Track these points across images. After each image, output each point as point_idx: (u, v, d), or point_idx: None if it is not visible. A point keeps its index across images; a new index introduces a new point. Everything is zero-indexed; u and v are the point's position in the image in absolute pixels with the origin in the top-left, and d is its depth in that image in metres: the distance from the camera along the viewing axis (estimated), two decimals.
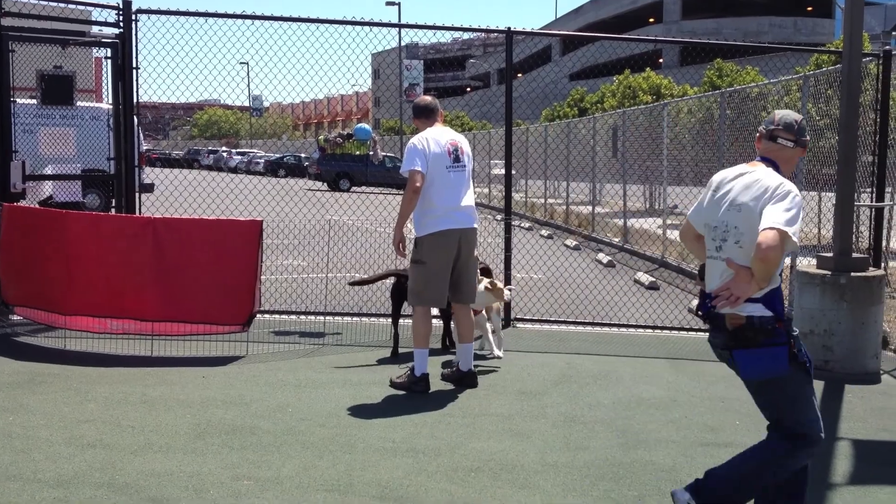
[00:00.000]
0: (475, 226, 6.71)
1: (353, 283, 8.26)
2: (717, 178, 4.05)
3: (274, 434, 5.43)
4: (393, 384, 6.57)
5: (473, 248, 6.80)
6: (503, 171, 9.67)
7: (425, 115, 6.79)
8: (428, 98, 6.93)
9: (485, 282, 7.46)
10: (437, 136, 6.57)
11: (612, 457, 5.18)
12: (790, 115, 4.03)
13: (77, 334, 7.71)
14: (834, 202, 7.75)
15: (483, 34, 75.98)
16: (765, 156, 4.02)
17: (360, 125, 9.20)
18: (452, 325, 7.58)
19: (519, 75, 65.89)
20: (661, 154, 16.27)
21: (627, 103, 28.36)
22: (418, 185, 6.36)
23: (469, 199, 6.65)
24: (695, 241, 4.22)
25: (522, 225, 21.74)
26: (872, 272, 7.52)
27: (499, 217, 11.89)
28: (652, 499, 4.57)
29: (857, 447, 5.52)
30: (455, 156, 6.58)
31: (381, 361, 7.43)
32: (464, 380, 6.69)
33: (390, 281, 7.86)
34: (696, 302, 4.61)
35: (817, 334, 7.30)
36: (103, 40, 8.73)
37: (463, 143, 6.73)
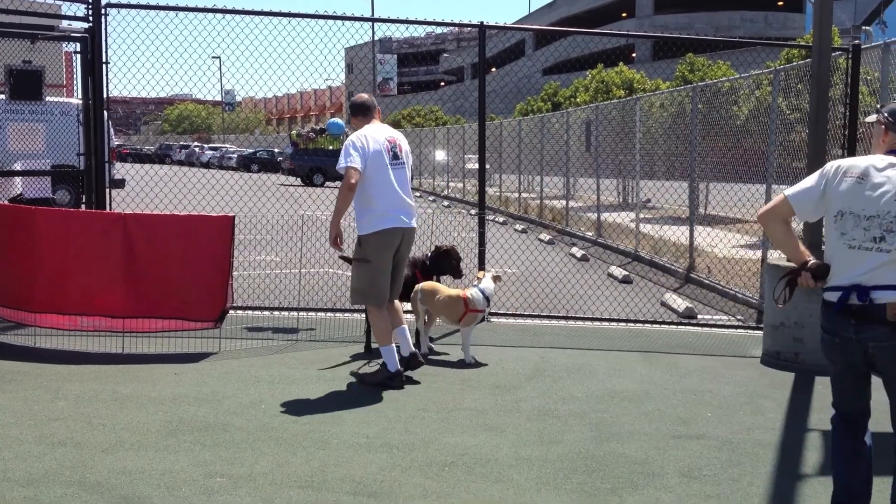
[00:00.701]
0: (414, 225, 6.70)
1: (342, 257, 8.15)
2: (860, 164, 3.90)
3: (247, 431, 5.40)
4: (362, 381, 6.57)
5: (411, 245, 6.81)
6: (477, 166, 9.68)
7: (362, 113, 6.79)
8: (365, 96, 6.93)
9: (491, 273, 7.63)
10: (375, 134, 6.57)
11: (585, 450, 5.20)
12: None
13: (47, 332, 7.63)
14: None
15: (456, 28, 76.03)
16: None
17: (333, 120, 9.16)
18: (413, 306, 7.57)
19: (493, 70, 66.06)
20: (633, 148, 16.35)
21: (600, 98, 28.45)
22: (353, 181, 6.34)
23: (409, 197, 6.66)
24: (783, 223, 4.04)
25: (497, 219, 21.77)
26: None
27: (473, 212, 11.84)
28: (624, 491, 4.59)
29: (828, 439, 5.57)
30: (394, 153, 6.58)
31: (355, 357, 7.41)
32: (410, 363, 6.68)
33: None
34: (777, 290, 4.31)
35: (788, 327, 7.37)
36: (72, 34, 8.62)
37: (401, 140, 6.74)
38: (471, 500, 4.44)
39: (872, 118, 4.17)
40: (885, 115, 4.01)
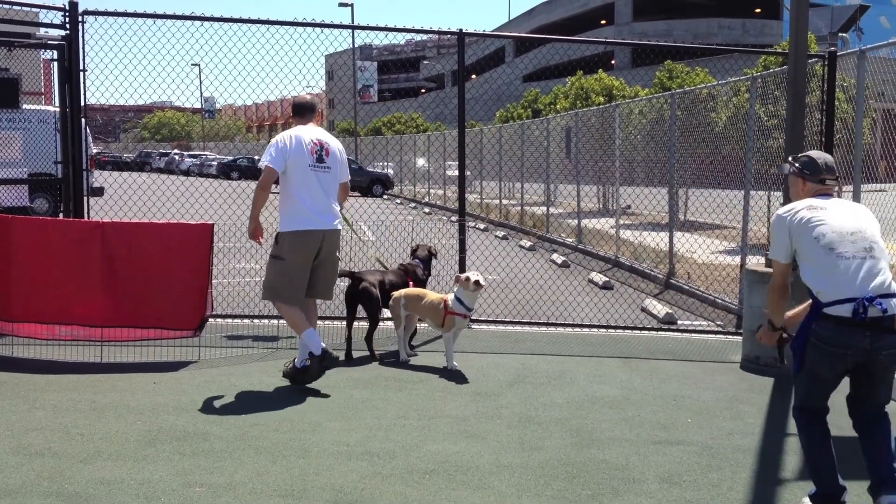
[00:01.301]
0: (337, 227, 6.75)
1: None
2: (800, 204, 4.36)
3: (226, 440, 5.37)
4: (286, 374, 6.68)
5: (335, 248, 6.83)
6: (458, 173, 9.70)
7: (299, 114, 6.91)
8: (306, 97, 7.04)
9: (469, 275, 7.31)
10: (301, 134, 6.67)
11: (566, 456, 5.21)
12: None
13: (24, 341, 7.56)
14: (782, 201, 7.86)
15: (436, 36, 76.19)
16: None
17: None
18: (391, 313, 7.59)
19: (473, 77, 66.12)
20: (613, 155, 16.42)
21: (580, 104, 28.56)
22: (268, 180, 6.53)
23: (332, 201, 6.72)
24: (786, 290, 4.46)
25: (477, 226, 21.79)
26: None
27: (453, 218, 11.91)
28: (605, 497, 4.60)
29: None
30: (318, 155, 6.65)
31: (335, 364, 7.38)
32: (323, 362, 6.66)
33: (345, 283, 7.83)
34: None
35: None
36: (49, 42, 8.57)
37: (331, 143, 6.78)
38: None
39: (786, 169, 4.56)
40: (797, 166, 4.45)
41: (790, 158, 4.59)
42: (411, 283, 7.92)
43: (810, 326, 4.18)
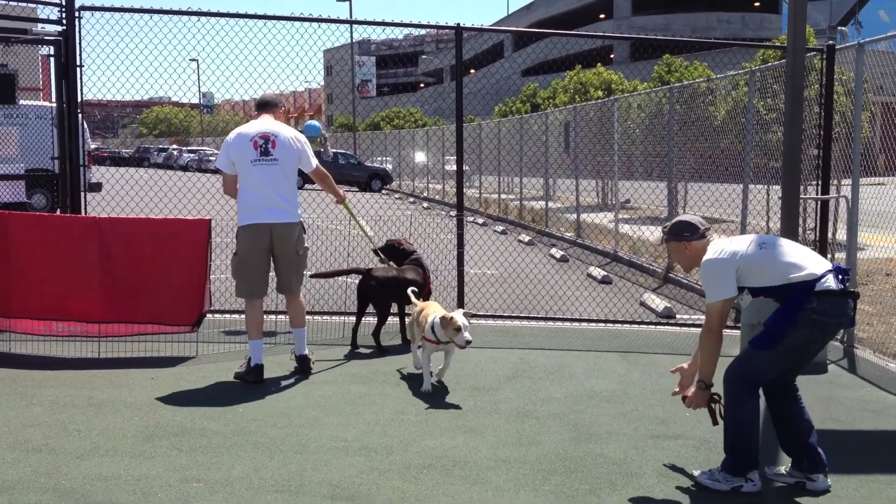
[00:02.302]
0: (287, 220, 6.69)
1: (313, 276, 8.26)
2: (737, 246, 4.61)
3: (224, 435, 5.37)
4: (236, 375, 6.72)
5: (288, 242, 6.75)
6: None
7: (258, 108, 7.00)
8: (269, 94, 7.13)
9: (436, 313, 6.53)
10: (246, 129, 6.74)
11: (563, 451, 5.20)
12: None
13: (22, 337, 7.56)
14: (780, 195, 7.85)
15: (435, 30, 76.09)
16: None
17: (309, 122, 9.12)
18: (408, 320, 7.59)
19: (472, 71, 66.09)
20: (612, 149, 16.40)
21: (579, 99, 28.52)
22: (225, 182, 6.77)
23: (279, 193, 6.64)
24: (721, 335, 4.72)
25: (476, 221, 21.77)
26: None
27: (452, 213, 11.89)
28: (603, 491, 4.60)
29: None
30: (263, 149, 6.62)
31: (334, 359, 7.38)
32: (300, 365, 6.86)
33: (355, 279, 7.88)
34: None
35: None
36: (46, 38, 8.55)
37: (281, 134, 6.68)
38: (449, 502, 4.43)
39: (662, 243, 4.91)
40: (668, 234, 4.82)
41: (664, 232, 4.87)
42: (426, 277, 7.96)
43: (801, 306, 4.36)
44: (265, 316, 8.89)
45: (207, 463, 4.89)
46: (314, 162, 6.90)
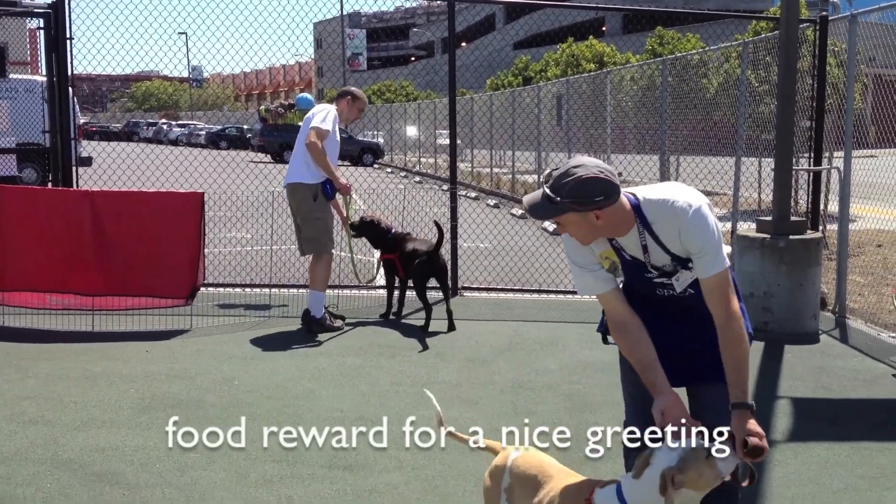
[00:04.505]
0: (288, 181, 7.47)
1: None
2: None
3: (220, 407, 5.39)
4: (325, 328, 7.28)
5: (291, 201, 7.47)
6: (448, 141, 9.66)
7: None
8: (349, 87, 8.01)
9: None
10: None
11: (558, 420, 5.23)
12: None
13: (15, 310, 7.55)
14: (773, 167, 7.88)
15: (426, 2, 75.57)
16: None
17: (301, 95, 9.10)
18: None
19: (463, 44, 65.78)
20: (604, 122, 16.38)
21: (571, 72, 28.45)
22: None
23: (294, 157, 7.54)
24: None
25: (469, 194, 21.75)
26: (810, 235, 7.68)
27: (444, 187, 11.91)
28: (598, 461, 4.62)
29: (797, 405, 5.66)
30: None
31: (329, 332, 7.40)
32: (302, 318, 7.40)
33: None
34: None
35: (757, 297, 7.44)
36: (35, 10, 8.48)
37: (313, 112, 7.48)
38: (444, 471, 4.47)
39: (552, 227, 3.96)
40: (573, 204, 2.99)
41: (552, 203, 2.98)
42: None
43: None
44: (256, 290, 8.94)
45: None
46: (308, 126, 7.38)
